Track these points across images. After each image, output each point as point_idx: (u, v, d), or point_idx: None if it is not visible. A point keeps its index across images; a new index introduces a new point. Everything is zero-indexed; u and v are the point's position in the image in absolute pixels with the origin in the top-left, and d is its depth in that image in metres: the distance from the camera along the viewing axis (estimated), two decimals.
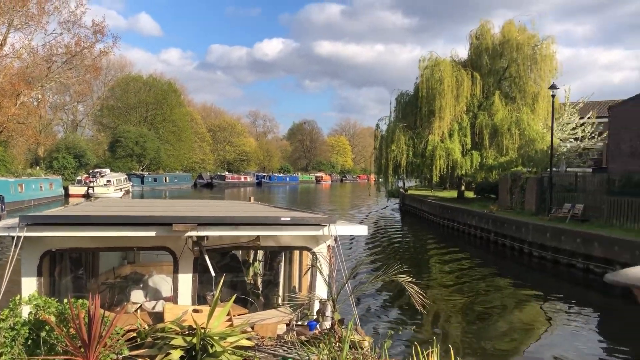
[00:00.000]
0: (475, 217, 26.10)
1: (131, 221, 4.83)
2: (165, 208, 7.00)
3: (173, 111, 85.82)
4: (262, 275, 7.47)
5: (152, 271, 6.58)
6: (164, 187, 72.90)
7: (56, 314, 4.15)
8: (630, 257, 14.95)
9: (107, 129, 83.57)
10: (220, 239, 5.33)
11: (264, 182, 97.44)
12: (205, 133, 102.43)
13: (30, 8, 55.37)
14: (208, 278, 5.26)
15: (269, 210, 7.30)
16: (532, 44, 35.49)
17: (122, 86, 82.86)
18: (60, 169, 61.42)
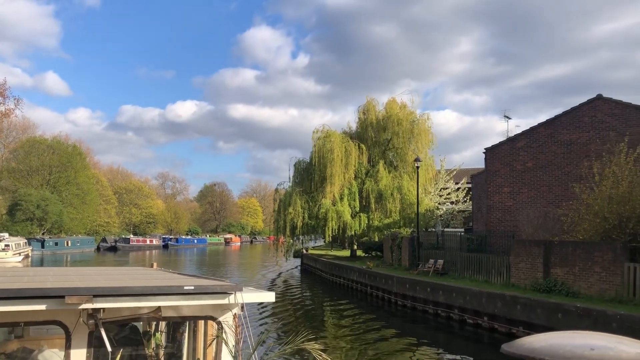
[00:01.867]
0: (356, 272, 29.74)
1: (18, 294, 4.38)
2: (58, 278, 6.42)
3: (78, 174, 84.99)
4: (163, 347, 7.17)
5: (44, 345, 6.24)
6: (66, 251, 71.39)
7: None
8: (462, 302, 18.73)
9: (5, 192, 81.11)
10: (119, 311, 5.00)
11: (170, 245, 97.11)
12: (111, 195, 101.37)
13: None
14: (104, 353, 4.95)
15: (171, 277, 6.88)
16: (411, 120, 40.73)
17: (25, 148, 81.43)
18: None
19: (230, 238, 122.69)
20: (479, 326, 18.31)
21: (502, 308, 17.37)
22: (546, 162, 21.95)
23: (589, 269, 16.57)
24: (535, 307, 16.04)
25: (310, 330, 5.77)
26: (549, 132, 22.11)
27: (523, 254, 19.15)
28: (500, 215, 23.50)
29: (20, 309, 4.39)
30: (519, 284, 19.04)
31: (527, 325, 15.89)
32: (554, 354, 2.14)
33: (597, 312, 14.06)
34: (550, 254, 18.08)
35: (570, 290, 17.00)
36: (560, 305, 15.26)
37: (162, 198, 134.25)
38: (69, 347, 4.85)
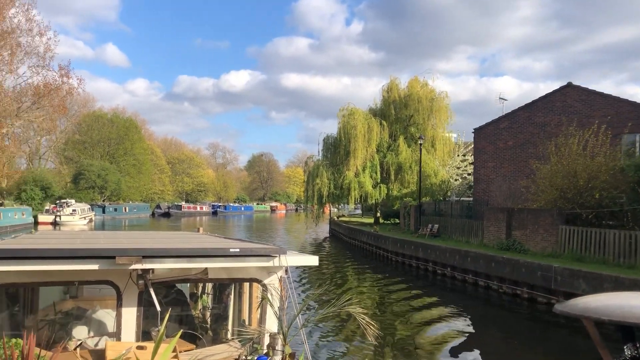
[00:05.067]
0: (365, 235, 34.29)
1: (73, 254, 4.63)
2: (110, 240, 6.69)
3: (134, 146, 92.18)
4: (210, 309, 7.34)
5: (96, 306, 6.47)
6: (124, 217, 78.64)
7: None
8: (434, 256, 23.15)
9: (70, 162, 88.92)
10: (167, 272, 5.19)
11: (219, 212, 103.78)
12: (164, 165, 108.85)
13: (3, 55, 61.49)
14: (153, 313, 5.14)
15: (217, 241, 7.09)
16: (430, 97, 44.00)
17: (87, 122, 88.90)
18: (27, 199, 66.77)
19: (276, 206, 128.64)
20: (444, 275, 22.95)
21: (459, 260, 21.81)
22: (524, 141, 25.31)
23: (536, 231, 20.28)
24: (479, 259, 20.36)
25: (334, 287, 6.86)
26: (527, 115, 25.39)
27: (492, 219, 22.95)
28: (485, 186, 27.14)
29: (74, 268, 4.63)
30: (488, 244, 22.90)
31: (474, 273, 20.22)
32: (612, 314, 2.17)
33: (519, 262, 17.94)
34: (511, 219, 21.82)
35: (523, 248, 20.75)
36: (493, 257, 19.62)
37: (213, 167, 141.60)
38: (120, 306, 5.09)
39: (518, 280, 17.94)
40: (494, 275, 19.29)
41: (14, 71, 64.29)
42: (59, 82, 66.97)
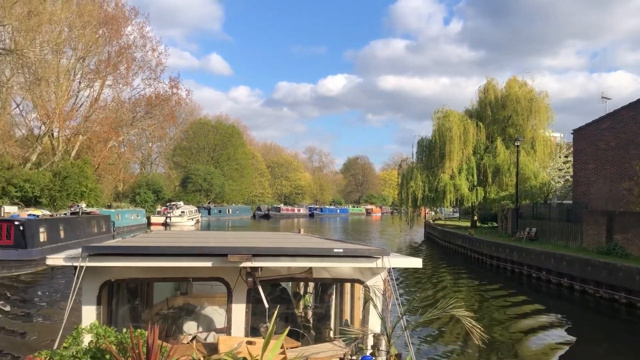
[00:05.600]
0: (460, 238, 33.97)
1: (188, 252, 4.93)
2: (220, 239, 7.04)
3: (236, 151, 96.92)
4: (312, 308, 7.46)
5: (205, 302, 6.76)
6: (227, 218, 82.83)
7: (115, 343, 4.18)
8: (529, 260, 22.78)
9: (178, 167, 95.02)
10: (273, 271, 5.35)
11: (316, 214, 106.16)
12: (264, 169, 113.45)
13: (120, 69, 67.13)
14: (261, 310, 5.29)
15: (321, 241, 7.30)
16: (529, 98, 42.69)
17: (193, 129, 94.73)
18: (141, 202, 72.39)
19: (371, 209, 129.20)
20: (539, 278, 22.58)
21: (554, 264, 21.36)
22: (627, 142, 24.11)
23: (639, 235, 19.45)
24: (574, 262, 20.00)
25: (437, 292, 7.03)
26: (631, 114, 24.18)
27: (592, 222, 22.19)
28: (585, 188, 26.12)
29: (189, 265, 4.91)
30: (588, 248, 22.15)
31: (569, 277, 19.88)
32: None
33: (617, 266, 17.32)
34: (612, 222, 21.02)
35: (625, 252, 19.92)
36: (589, 261, 19.18)
37: (310, 171, 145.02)
38: (230, 302, 5.32)
39: (615, 284, 17.37)
40: (590, 279, 18.78)
41: (130, 84, 70.04)
42: (169, 93, 72.26)
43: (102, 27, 60.78)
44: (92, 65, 64.04)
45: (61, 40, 53.77)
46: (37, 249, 22.40)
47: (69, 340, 4.27)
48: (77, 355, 4.06)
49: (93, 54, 61.49)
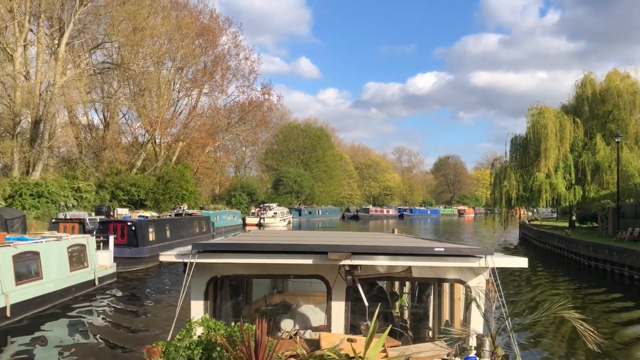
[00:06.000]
0: (556, 238, 32.67)
1: (290, 249, 5.02)
2: (319, 238, 7.08)
3: (325, 153, 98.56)
4: (409, 308, 7.45)
5: (300, 301, 6.84)
6: (317, 219, 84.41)
7: (225, 336, 4.33)
8: (630, 260, 21.79)
9: (270, 170, 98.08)
10: (372, 269, 5.33)
11: (405, 215, 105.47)
12: (352, 171, 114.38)
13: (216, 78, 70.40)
14: (360, 308, 5.29)
15: (419, 241, 7.26)
16: (632, 91, 40.20)
17: (283, 133, 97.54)
18: (236, 204, 75.54)
19: (464, 209, 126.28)
20: None
21: None
22: None
23: None
24: None
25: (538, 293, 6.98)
26: None
27: None
28: None
29: (290, 263, 5.01)
30: None
31: None
32: None
33: None
34: None
35: None
36: None
37: (399, 171, 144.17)
38: (330, 300, 5.39)
39: None
40: None
41: (225, 91, 73.39)
42: (261, 99, 74.99)
43: (198, 38, 64.19)
44: (189, 75, 67.90)
45: (162, 52, 57.46)
46: (147, 248, 24.39)
47: (183, 333, 4.44)
48: (190, 346, 4.27)
49: (190, 64, 65.11)
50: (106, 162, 55.98)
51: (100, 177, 54.02)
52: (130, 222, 24.32)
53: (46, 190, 41.00)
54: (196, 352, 4.22)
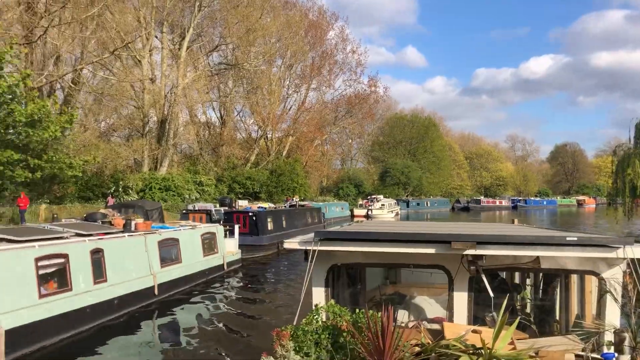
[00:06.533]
0: None
1: (411, 238, 4.95)
2: (441, 227, 6.95)
3: (433, 143, 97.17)
4: (532, 300, 7.25)
5: (413, 292, 6.83)
6: (426, 210, 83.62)
7: (351, 323, 4.36)
8: None
9: (376, 162, 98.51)
10: (496, 259, 5.12)
11: (519, 206, 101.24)
12: (462, 161, 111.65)
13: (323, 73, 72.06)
14: (483, 299, 5.16)
15: (547, 230, 6.93)
16: None
17: (390, 124, 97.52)
18: (344, 196, 76.94)
19: (583, 200, 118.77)
20: None
21: None
22: None
23: None
24: None
25: None
26: None
27: None
28: None
29: (411, 252, 4.92)
30: None
31: None
32: None
33: None
34: None
35: None
36: None
37: (512, 160, 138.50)
38: (452, 290, 5.29)
39: None
40: None
41: (332, 86, 74.92)
42: (368, 92, 75.64)
43: (307, 35, 66.12)
44: (298, 71, 70.14)
45: (273, 51, 59.91)
46: (266, 236, 26.06)
47: (310, 317, 4.56)
48: (317, 331, 4.38)
49: (299, 61, 67.24)
50: (223, 157, 59.60)
51: (218, 172, 57.58)
52: (251, 213, 26.07)
53: (172, 184, 44.63)
54: (323, 337, 4.33)
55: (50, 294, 10.94)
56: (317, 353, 4.29)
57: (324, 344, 4.32)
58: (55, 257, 11.24)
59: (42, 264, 10.83)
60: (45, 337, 10.62)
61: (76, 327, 11.50)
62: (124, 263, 13.61)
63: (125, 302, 13.31)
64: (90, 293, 12.06)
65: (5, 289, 9.87)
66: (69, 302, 11.35)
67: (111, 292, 12.79)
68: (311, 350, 4.28)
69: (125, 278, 13.48)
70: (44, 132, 20.25)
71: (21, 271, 10.32)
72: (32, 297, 10.43)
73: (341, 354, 4.23)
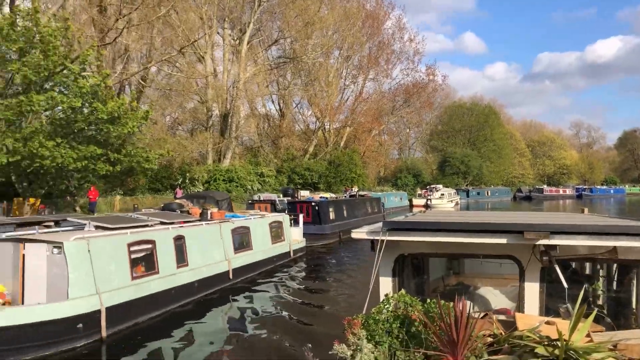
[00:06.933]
0: None
1: (481, 228, 4.85)
2: (512, 217, 6.86)
3: (493, 131, 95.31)
4: (607, 291, 7.02)
5: (477, 283, 6.72)
6: (486, 200, 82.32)
7: (422, 312, 4.35)
8: None
9: (435, 151, 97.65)
10: (569, 250, 4.95)
11: (584, 195, 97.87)
12: (524, 149, 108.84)
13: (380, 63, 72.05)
14: (556, 290, 5.05)
15: (621, 220, 6.68)
16: None
17: (448, 113, 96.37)
18: (402, 185, 76.90)
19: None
20: None
21: None
22: None
23: None
24: None
25: None
26: None
27: None
28: None
29: (480, 242, 4.84)
30: None
31: None
32: None
33: None
34: None
35: None
36: None
37: (576, 148, 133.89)
38: (523, 281, 5.19)
39: None
40: None
41: (389, 75, 74.84)
42: (425, 80, 75.11)
43: (364, 26, 66.31)
44: (355, 62, 70.46)
45: (331, 43, 60.53)
46: (328, 225, 26.82)
47: (381, 306, 4.55)
48: (388, 320, 4.40)
49: (356, 52, 67.56)
50: (283, 149, 60.92)
51: (277, 163, 58.94)
52: (314, 203, 26.87)
53: (235, 176, 46.23)
54: (394, 326, 4.35)
55: (141, 276, 12.03)
56: (389, 342, 4.28)
57: (395, 333, 4.32)
58: (144, 242, 12.33)
59: (134, 249, 11.93)
60: (137, 315, 11.72)
61: (163, 306, 12.57)
62: (203, 249, 14.65)
63: (204, 285, 14.36)
64: (174, 276, 13.12)
65: (104, 271, 10.99)
66: (157, 283, 12.42)
67: (192, 275, 13.84)
68: (383, 339, 4.29)
69: (203, 263, 14.52)
70: (122, 127, 21.81)
71: (117, 255, 11.43)
72: (126, 279, 11.53)
73: (412, 344, 4.21)
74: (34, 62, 19.81)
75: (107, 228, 11.93)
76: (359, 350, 4.17)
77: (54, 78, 20.63)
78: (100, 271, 10.85)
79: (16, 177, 21.63)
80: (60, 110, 21.10)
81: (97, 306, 10.53)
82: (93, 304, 10.47)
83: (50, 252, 10.40)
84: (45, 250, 10.42)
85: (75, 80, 20.95)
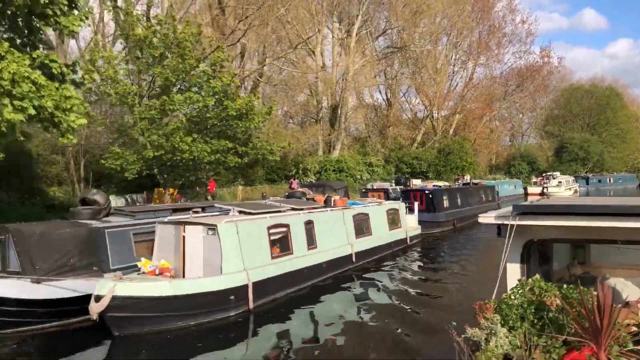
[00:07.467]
0: None
1: (624, 211, 4.51)
2: None
3: (616, 114, 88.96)
4: None
5: (605, 273, 6.54)
6: (608, 187, 77.32)
7: (560, 298, 4.22)
8: None
9: (550, 137, 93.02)
10: None
11: None
12: None
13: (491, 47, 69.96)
14: None
15: None
16: None
17: (565, 96, 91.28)
18: (516, 173, 74.39)
19: None
20: None
21: None
22: None
23: None
24: None
25: None
26: None
27: None
28: None
29: (622, 226, 4.58)
30: None
31: None
32: None
33: None
34: None
35: None
36: None
37: None
38: None
39: None
40: None
41: (501, 60, 72.49)
42: (540, 63, 71.93)
43: (473, 10, 64.79)
44: (464, 48, 69.03)
45: (439, 30, 59.91)
46: (442, 213, 27.22)
47: (515, 291, 4.51)
48: (522, 305, 4.36)
49: (466, 37, 66.19)
50: (390, 138, 61.41)
51: (385, 152, 59.53)
52: (427, 191, 27.34)
53: (345, 166, 47.53)
54: (529, 311, 4.30)
55: (278, 256, 13.47)
56: (523, 327, 4.19)
57: (530, 319, 4.25)
58: (280, 226, 13.76)
59: (272, 231, 13.40)
60: (276, 291, 13.16)
61: (296, 284, 13.94)
62: (329, 233, 15.91)
63: (330, 266, 15.60)
64: (305, 257, 14.45)
65: (250, 250, 12.48)
66: (291, 263, 13.81)
67: (320, 257, 15.13)
68: (517, 324, 4.23)
69: (330, 246, 15.76)
70: (250, 123, 23.74)
71: (259, 237, 12.91)
72: (267, 258, 12.99)
73: (549, 330, 4.11)
74: (173, 65, 22.18)
75: (250, 213, 13.47)
76: (494, 334, 4.16)
77: (190, 79, 22.94)
78: (246, 250, 12.35)
79: (158, 169, 24.23)
80: (194, 108, 23.35)
81: (245, 281, 12.02)
82: (242, 278, 11.97)
83: (206, 234, 12.03)
84: (202, 231, 12.07)
85: (208, 80, 23.11)
